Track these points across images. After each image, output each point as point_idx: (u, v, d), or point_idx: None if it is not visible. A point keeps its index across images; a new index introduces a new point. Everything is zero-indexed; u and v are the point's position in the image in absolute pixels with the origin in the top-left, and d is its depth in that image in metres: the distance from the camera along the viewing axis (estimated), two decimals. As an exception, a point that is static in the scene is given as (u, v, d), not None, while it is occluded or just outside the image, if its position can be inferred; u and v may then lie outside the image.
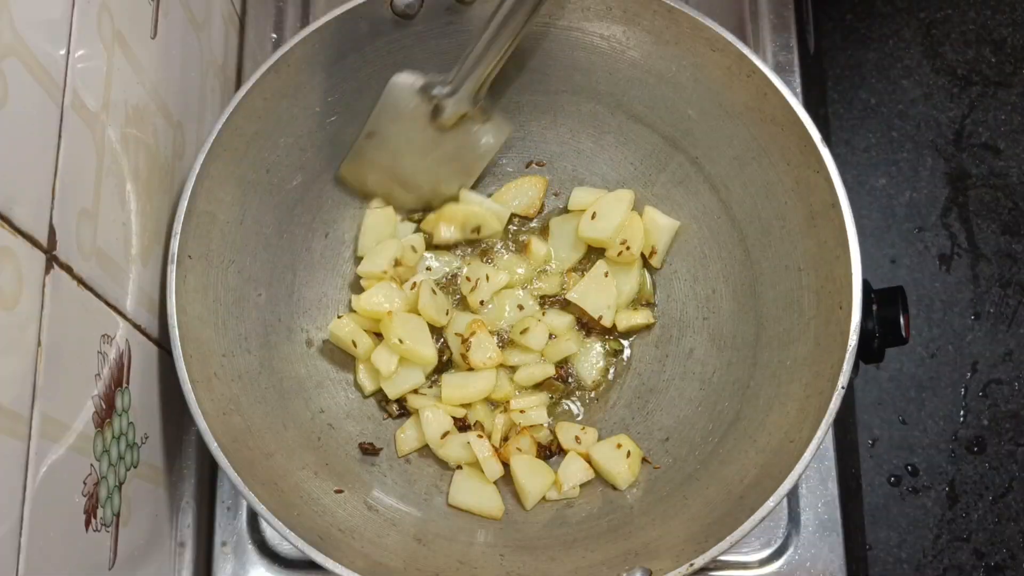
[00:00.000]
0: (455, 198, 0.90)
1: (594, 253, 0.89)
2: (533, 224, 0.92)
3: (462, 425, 0.85)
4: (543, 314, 0.88)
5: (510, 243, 0.91)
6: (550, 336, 0.87)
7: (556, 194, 0.92)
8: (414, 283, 0.86)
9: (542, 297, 0.89)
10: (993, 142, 1.62)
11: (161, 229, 0.76)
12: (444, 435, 0.83)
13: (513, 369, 0.86)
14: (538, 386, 0.87)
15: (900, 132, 1.64)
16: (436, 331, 0.87)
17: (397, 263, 0.86)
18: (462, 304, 0.89)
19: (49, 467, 0.57)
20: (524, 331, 0.86)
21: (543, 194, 0.91)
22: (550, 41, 0.85)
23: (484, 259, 0.90)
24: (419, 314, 0.84)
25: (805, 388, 0.74)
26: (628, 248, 0.86)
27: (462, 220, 0.89)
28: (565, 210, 0.91)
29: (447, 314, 0.87)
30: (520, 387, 0.87)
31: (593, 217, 0.87)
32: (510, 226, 0.91)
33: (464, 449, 0.83)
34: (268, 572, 0.85)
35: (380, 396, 0.86)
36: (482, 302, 0.87)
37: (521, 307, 0.88)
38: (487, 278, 0.87)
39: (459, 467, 0.84)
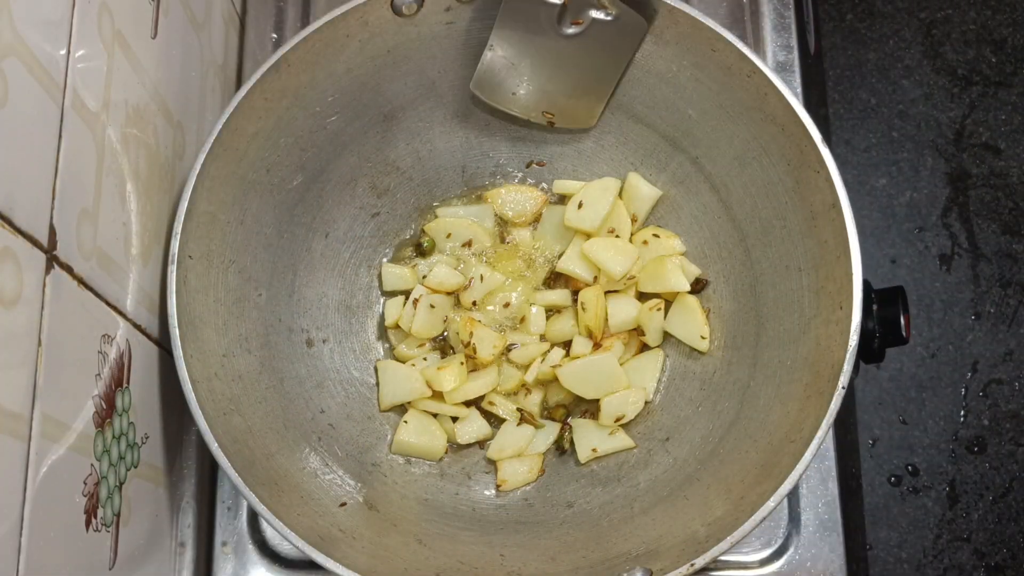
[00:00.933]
0: (588, 123, 0.88)
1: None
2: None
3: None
4: (535, 295, 0.88)
5: (499, 241, 0.91)
6: (548, 316, 0.87)
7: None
8: (415, 300, 0.86)
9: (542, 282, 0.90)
10: (993, 142, 1.63)
11: (161, 229, 0.76)
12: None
13: (513, 363, 0.87)
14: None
15: (900, 132, 1.64)
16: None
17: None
18: (457, 302, 0.89)
19: (49, 467, 0.57)
20: (522, 320, 0.87)
21: (539, 209, 0.91)
22: (550, 41, 0.85)
23: (480, 257, 0.90)
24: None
25: (805, 388, 0.74)
26: (617, 237, 0.87)
27: (452, 236, 0.90)
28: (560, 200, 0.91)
29: (444, 321, 0.88)
30: (520, 367, 0.87)
31: (580, 207, 0.87)
32: (498, 226, 0.91)
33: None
34: (268, 572, 0.85)
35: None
36: (475, 302, 0.88)
37: (514, 297, 0.88)
38: (481, 278, 0.87)
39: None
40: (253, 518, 0.86)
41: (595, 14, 0.80)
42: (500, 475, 0.84)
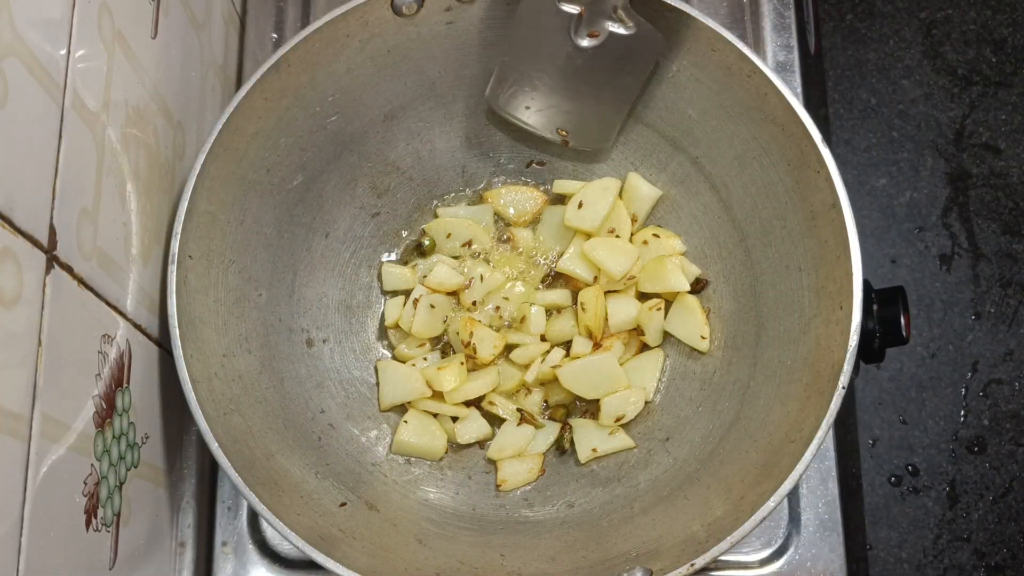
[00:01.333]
0: (602, 144, 0.87)
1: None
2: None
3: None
4: (535, 295, 0.88)
5: (499, 241, 0.91)
6: (549, 315, 0.87)
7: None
8: (415, 300, 0.86)
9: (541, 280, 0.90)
10: (993, 142, 1.62)
11: (161, 229, 0.76)
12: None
13: (513, 363, 0.87)
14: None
15: (900, 132, 1.64)
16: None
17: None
18: (457, 302, 0.89)
19: (49, 467, 0.57)
20: (523, 320, 0.87)
21: (540, 210, 0.91)
22: (550, 41, 0.85)
23: (480, 256, 0.90)
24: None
25: (805, 388, 0.74)
26: (617, 237, 0.87)
27: (452, 237, 0.90)
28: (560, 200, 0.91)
29: (444, 321, 0.88)
30: (520, 367, 0.87)
31: (580, 207, 0.86)
32: (498, 226, 0.91)
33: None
34: (268, 572, 0.85)
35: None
36: (475, 302, 0.88)
37: (514, 297, 0.88)
38: (481, 278, 0.87)
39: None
40: (253, 518, 0.86)
41: (612, 27, 0.78)
42: (500, 475, 0.84)
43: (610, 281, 0.85)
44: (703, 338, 0.84)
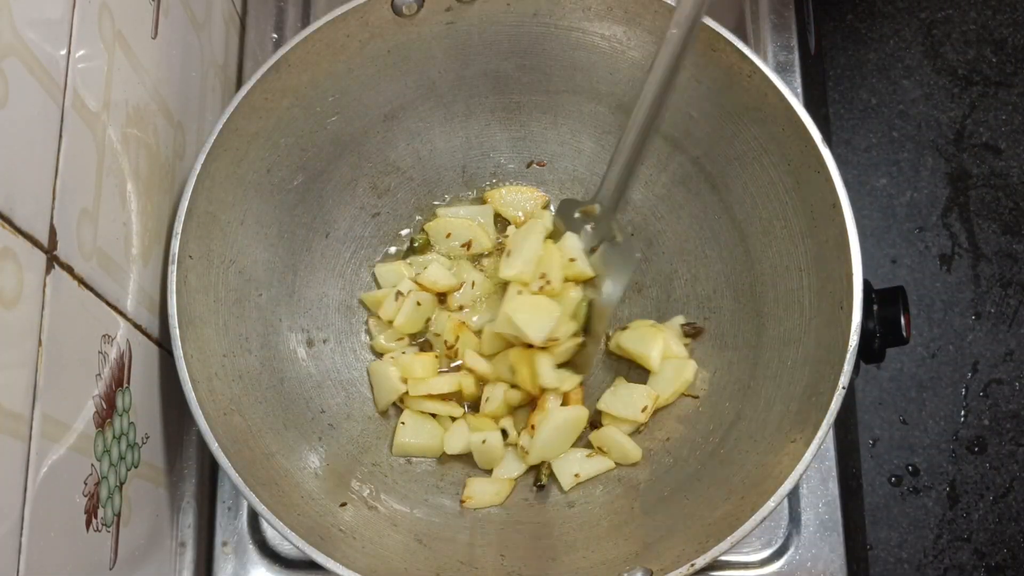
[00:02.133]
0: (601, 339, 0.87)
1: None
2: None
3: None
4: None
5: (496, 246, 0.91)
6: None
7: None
8: (402, 292, 0.86)
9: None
10: (994, 142, 1.62)
11: (162, 229, 0.76)
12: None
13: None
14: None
15: (901, 132, 1.64)
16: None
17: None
18: (442, 302, 0.89)
19: (50, 467, 0.57)
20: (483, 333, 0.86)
21: (539, 210, 0.91)
22: (551, 41, 0.85)
23: (473, 262, 0.90)
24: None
25: (806, 388, 0.74)
26: (549, 283, 0.80)
27: (451, 238, 0.89)
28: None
29: (427, 321, 0.88)
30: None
31: (507, 255, 0.82)
32: (497, 227, 0.91)
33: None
34: (269, 572, 0.85)
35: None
36: (461, 307, 0.87)
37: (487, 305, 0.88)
38: (473, 284, 0.87)
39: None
40: (253, 518, 0.86)
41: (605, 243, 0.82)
42: (466, 491, 0.82)
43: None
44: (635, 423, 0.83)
